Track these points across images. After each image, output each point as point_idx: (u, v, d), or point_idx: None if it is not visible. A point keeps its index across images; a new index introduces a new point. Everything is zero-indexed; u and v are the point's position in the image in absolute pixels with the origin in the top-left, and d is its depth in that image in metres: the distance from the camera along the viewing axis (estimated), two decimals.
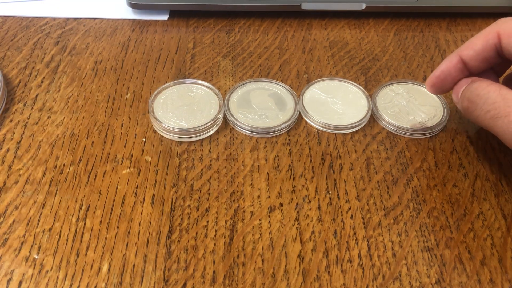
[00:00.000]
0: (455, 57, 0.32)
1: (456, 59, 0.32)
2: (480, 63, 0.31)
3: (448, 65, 0.32)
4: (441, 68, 0.32)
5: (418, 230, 0.30)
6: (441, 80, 0.33)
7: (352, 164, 0.33)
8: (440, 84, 0.33)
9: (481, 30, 0.32)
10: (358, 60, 0.41)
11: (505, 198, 0.32)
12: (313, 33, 0.44)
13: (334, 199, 0.31)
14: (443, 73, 0.32)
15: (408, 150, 0.35)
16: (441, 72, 0.32)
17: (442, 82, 0.33)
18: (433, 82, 0.33)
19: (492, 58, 0.31)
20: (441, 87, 0.33)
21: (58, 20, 0.44)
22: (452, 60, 0.32)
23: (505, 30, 0.30)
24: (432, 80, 0.33)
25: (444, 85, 0.33)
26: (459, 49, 0.32)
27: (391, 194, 0.32)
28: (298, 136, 0.35)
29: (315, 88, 0.38)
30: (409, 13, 0.47)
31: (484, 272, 0.28)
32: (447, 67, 0.32)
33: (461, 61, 0.31)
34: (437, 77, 0.33)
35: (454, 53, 0.32)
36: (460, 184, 0.33)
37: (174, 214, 0.30)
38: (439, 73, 0.32)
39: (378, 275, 0.28)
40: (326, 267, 0.28)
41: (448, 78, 0.32)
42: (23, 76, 0.38)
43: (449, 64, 0.32)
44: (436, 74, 0.33)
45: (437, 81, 0.33)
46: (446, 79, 0.32)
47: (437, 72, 0.33)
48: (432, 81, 0.33)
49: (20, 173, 0.32)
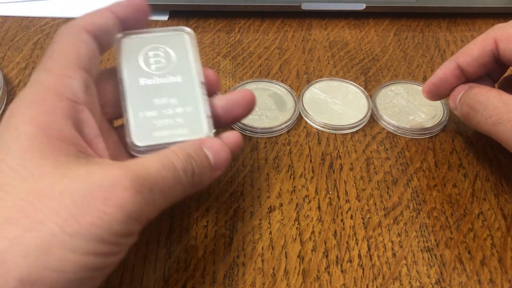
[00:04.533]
0: (452, 64, 0.32)
1: (453, 66, 0.31)
2: (477, 69, 0.31)
3: (445, 72, 0.32)
4: (437, 74, 0.32)
5: (418, 230, 0.30)
6: (438, 87, 0.32)
7: (352, 164, 0.33)
8: (437, 90, 0.33)
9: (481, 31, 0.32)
10: (358, 60, 0.41)
11: (505, 198, 0.32)
12: (313, 33, 0.44)
13: (334, 199, 0.31)
14: (440, 79, 0.32)
15: (408, 150, 0.35)
16: (438, 79, 0.32)
17: (439, 88, 0.32)
18: (430, 89, 0.33)
19: (489, 64, 0.31)
20: (438, 93, 0.33)
21: (58, 20, 0.44)
22: (449, 67, 0.32)
23: (502, 36, 0.30)
24: (429, 87, 0.33)
25: (441, 91, 0.33)
26: (456, 55, 0.32)
27: (391, 194, 0.32)
28: (298, 136, 0.35)
29: (315, 88, 0.38)
30: (409, 13, 0.47)
31: (484, 272, 0.28)
32: (444, 74, 0.32)
33: (458, 67, 0.31)
34: (433, 83, 0.32)
35: (450, 59, 0.32)
36: (460, 184, 0.33)
37: (174, 214, 0.30)
38: (436, 80, 0.32)
39: (378, 275, 0.28)
40: (326, 267, 0.28)
41: (445, 84, 0.32)
42: (23, 76, 0.38)
43: (445, 71, 0.32)
44: (432, 81, 0.32)
45: (434, 88, 0.33)
46: (443, 85, 0.32)
47: (434, 79, 0.32)
48: (429, 87, 0.33)
49: None
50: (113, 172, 0.20)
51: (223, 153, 0.25)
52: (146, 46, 0.27)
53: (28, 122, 0.21)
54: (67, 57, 0.24)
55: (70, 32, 0.25)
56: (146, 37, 0.28)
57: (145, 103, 0.26)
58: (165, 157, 0.23)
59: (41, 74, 0.23)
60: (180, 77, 0.27)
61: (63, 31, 0.25)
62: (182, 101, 0.26)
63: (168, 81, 0.27)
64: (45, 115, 0.21)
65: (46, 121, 0.21)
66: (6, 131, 0.21)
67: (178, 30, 0.28)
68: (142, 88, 0.26)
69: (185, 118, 0.26)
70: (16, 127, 0.21)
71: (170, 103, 0.26)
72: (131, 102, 0.26)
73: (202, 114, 0.26)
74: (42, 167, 0.20)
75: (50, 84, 0.23)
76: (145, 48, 0.27)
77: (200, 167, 0.24)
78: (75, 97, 0.23)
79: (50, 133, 0.21)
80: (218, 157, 0.25)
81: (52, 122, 0.21)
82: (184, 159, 0.23)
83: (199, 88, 0.27)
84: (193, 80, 0.27)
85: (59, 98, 0.22)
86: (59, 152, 0.21)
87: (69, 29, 0.25)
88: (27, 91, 0.23)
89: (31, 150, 0.20)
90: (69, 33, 0.25)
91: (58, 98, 0.22)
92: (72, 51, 0.24)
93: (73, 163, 0.21)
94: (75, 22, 0.25)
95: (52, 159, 0.21)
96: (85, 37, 0.25)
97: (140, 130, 0.25)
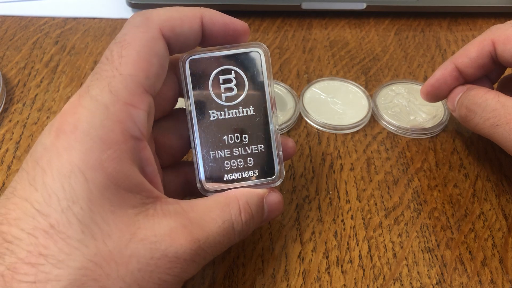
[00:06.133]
0: (450, 65, 0.31)
1: (451, 67, 0.31)
2: (475, 71, 0.31)
3: (443, 73, 0.32)
4: (436, 76, 0.32)
5: (419, 231, 0.30)
6: (436, 88, 0.32)
7: (353, 164, 0.33)
8: (435, 92, 0.33)
9: (482, 30, 0.32)
10: (358, 60, 0.41)
11: (506, 199, 0.32)
12: (313, 32, 0.44)
13: (334, 199, 0.31)
14: (438, 81, 0.32)
15: (408, 150, 0.34)
16: (436, 80, 0.32)
17: (437, 90, 0.32)
18: (428, 91, 0.33)
19: (487, 65, 0.31)
20: (436, 95, 0.33)
21: (57, 20, 0.44)
22: (447, 68, 0.32)
23: (500, 37, 0.30)
24: (427, 89, 0.33)
25: (439, 93, 0.33)
26: (454, 56, 0.32)
27: (392, 195, 0.32)
28: (298, 136, 0.35)
29: (315, 88, 0.38)
30: (409, 13, 0.46)
31: (485, 273, 0.28)
32: (442, 75, 0.32)
33: (456, 69, 0.31)
34: (432, 85, 0.32)
35: (448, 61, 0.32)
36: (461, 185, 0.32)
37: None
38: (434, 81, 0.32)
39: (379, 275, 0.28)
40: (327, 267, 0.28)
41: (443, 86, 0.32)
42: (22, 76, 0.38)
43: (444, 72, 0.32)
44: (430, 82, 0.32)
45: (432, 89, 0.33)
46: (441, 87, 0.32)
47: (432, 80, 0.32)
48: (427, 89, 0.33)
49: None
50: (178, 238, 0.20)
51: (277, 211, 0.25)
52: (215, 69, 0.24)
53: (98, 169, 0.19)
54: (136, 77, 0.21)
55: (145, 32, 0.22)
56: (216, 57, 0.24)
57: (215, 141, 0.24)
58: (229, 220, 0.22)
59: (106, 94, 0.20)
60: (253, 108, 0.24)
61: (138, 26, 0.22)
62: (254, 139, 0.24)
63: (240, 114, 0.24)
64: (114, 162, 0.20)
65: (115, 169, 0.20)
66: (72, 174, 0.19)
67: (251, 46, 0.24)
68: (212, 123, 0.24)
69: (256, 159, 0.24)
70: (83, 172, 0.19)
71: (241, 141, 0.24)
72: (201, 139, 0.24)
73: (273, 155, 0.24)
74: (111, 223, 0.19)
75: (117, 117, 0.20)
76: (214, 71, 0.24)
77: (253, 224, 0.24)
78: (139, 134, 0.21)
79: (119, 183, 0.20)
80: (271, 214, 0.25)
81: (121, 171, 0.20)
82: (245, 221, 0.23)
83: (272, 122, 0.24)
84: (267, 111, 0.24)
85: (125, 138, 0.20)
86: (127, 203, 0.20)
87: (145, 26, 0.22)
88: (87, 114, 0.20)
89: (101, 203, 0.19)
90: (144, 35, 0.22)
91: (124, 138, 0.20)
92: (142, 67, 0.21)
93: (141, 216, 0.20)
94: (153, 17, 0.22)
95: (121, 213, 0.20)
96: (160, 47, 0.22)
97: (210, 173, 0.24)
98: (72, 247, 0.18)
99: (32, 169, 0.19)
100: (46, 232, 0.18)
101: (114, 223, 0.19)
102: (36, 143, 0.21)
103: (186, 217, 0.21)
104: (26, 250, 0.18)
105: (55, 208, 0.19)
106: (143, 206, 0.21)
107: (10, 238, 0.18)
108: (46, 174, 0.19)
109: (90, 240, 0.19)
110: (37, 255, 0.18)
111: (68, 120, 0.20)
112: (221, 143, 0.24)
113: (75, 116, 0.20)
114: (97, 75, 0.21)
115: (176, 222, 0.21)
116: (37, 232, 0.18)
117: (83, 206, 0.19)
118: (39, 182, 0.19)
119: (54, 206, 0.19)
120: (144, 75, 0.21)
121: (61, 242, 0.18)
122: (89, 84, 0.21)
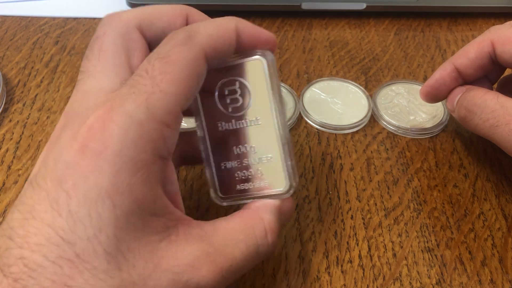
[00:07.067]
0: (449, 66, 0.31)
1: (450, 68, 0.31)
2: (475, 71, 0.31)
3: (442, 74, 0.32)
4: (435, 77, 0.32)
5: (419, 231, 0.30)
6: (435, 89, 0.32)
7: (353, 164, 0.33)
8: (434, 93, 0.33)
9: (481, 30, 0.32)
10: (358, 60, 0.41)
11: (506, 199, 0.32)
12: (313, 32, 0.44)
13: (334, 199, 0.31)
14: (437, 82, 0.32)
15: (408, 150, 0.34)
16: (435, 81, 0.32)
17: (437, 91, 0.32)
18: (427, 91, 0.33)
19: (486, 65, 0.31)
20: (436, 96, 0.33)
21: (57, 20, 0.44)
22: (446, 69, 0.32)
23: (499, 38, 0.30)
24: (426, 89, 0.33)
25: (438, 93, 0.33)
26: (453, 57, 0.31)
27: (392, 195, 0.32)
28: (298, 136, 0.35)
29: (315, 88, 0.38)
30: (409, 13, 0.46)
31: (485, 273, 0.28)
32: (441, 76, 0.32)
33: (455, 69, 0.31)
34: (431, 86, 0.32)
35: (447, 61, 0.32)
36: (460, 185, 0.32)
37: None
38: (433, 82, 0.32)
39: (379, 275, 0.28)
40: (327, 267, 0.28)
41: (442, 86, 0.32)
42: (22, 76, 0.38)
43: (443, 73, 0.32)
44: (430, 83, 0.32)
45: (431, 90, 0.33)
46: (440, 87, 0.32)
47: (431, 81, 0.32)
48: (426, 90, 0.33)
49: (20, 173, 0.32)
50: (200, 268, 0.20)
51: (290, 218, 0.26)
52: (220, 80, 0.24)
53: (126, 194, 0.18)
54: (176, 96, 0.20)
55: (189, 51, 0.21)
56: (219, 68, 0.24)
57: (226, 152, 0.24)
58: (254, 244, 0.22)
59: (142, 110, 0.19)
60: (260, 118, 0.24)
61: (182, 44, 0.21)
62: (262, 148, 0.24)
63: (246, 124, 0.24)
64: (142, 185, 0.19)
65: (142, 192, 0.19)
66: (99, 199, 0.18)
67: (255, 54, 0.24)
68: (221, 134, 0.24)
69: (265, 168, 0.24)
70: (112, 198, 0.18)
71: (249, 151, 0.24)
72: (213, 151, 0.24)
73: (282, 162, 0.24)
74: (136, 252, 0.19)
75: (150, 136, 0.19)
76: (219, 83, 0.24)
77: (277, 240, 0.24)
78: (167, 153, 0.20)
79: (145, 207, 0.19)
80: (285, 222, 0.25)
81: (148, 194, 0.19)
82: (272, 242, 0.23)
83: (279, 130, 0.24)
84: (273, 120, 0.24)
85: (154, 158, 0.20)
86: (151, 229, 0.20)
87: (190, 45, 0.21)
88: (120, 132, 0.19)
89: (126, 229, 0.19)
90: (188, 54, 0.21)
91: (154, 158, 0.19)
92: (184, 87, 0.20)
93: (164, 243, 0.20)
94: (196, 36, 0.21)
95: (145, 241, 0.19)
96: (202, 67, 0.21)
97: (223, 185, 0.24)
98: (97, 278, 0.18)
99: (54, 190, 0.18)
100: (71, 261, 0.18)
101: (138, 252, 0.19)
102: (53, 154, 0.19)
103: (210, 243, 0.21)
104: (51, 280, 0.17)
105: (80, 237, 0.18)
106: (166, 231, 0.20)
107: (33, 265, 0.18)
108: (71, 198, 0.18)
109: (115, 271, 0.18)
110: (62, 286, 0.17)
111: (96, 136, 0.19)
112: (231, 155, 0.24)
113: (105, 133, 0.19)
114: (134, 89, 0.20)
115: (199, 250, 0.20)
116: (62, 261, 0.18)
117: (109, 234, 0.18)
118: (64, 208, 0.18)
119: (80, 234, 0.18)
120: (184, 95, 0.20)
121: (86, 273, 0.18)
122: (124, 98, 0.19)
